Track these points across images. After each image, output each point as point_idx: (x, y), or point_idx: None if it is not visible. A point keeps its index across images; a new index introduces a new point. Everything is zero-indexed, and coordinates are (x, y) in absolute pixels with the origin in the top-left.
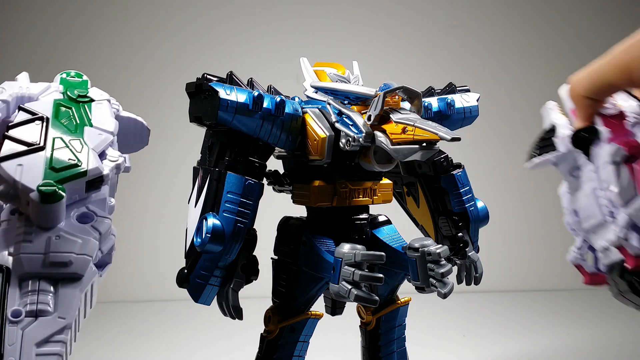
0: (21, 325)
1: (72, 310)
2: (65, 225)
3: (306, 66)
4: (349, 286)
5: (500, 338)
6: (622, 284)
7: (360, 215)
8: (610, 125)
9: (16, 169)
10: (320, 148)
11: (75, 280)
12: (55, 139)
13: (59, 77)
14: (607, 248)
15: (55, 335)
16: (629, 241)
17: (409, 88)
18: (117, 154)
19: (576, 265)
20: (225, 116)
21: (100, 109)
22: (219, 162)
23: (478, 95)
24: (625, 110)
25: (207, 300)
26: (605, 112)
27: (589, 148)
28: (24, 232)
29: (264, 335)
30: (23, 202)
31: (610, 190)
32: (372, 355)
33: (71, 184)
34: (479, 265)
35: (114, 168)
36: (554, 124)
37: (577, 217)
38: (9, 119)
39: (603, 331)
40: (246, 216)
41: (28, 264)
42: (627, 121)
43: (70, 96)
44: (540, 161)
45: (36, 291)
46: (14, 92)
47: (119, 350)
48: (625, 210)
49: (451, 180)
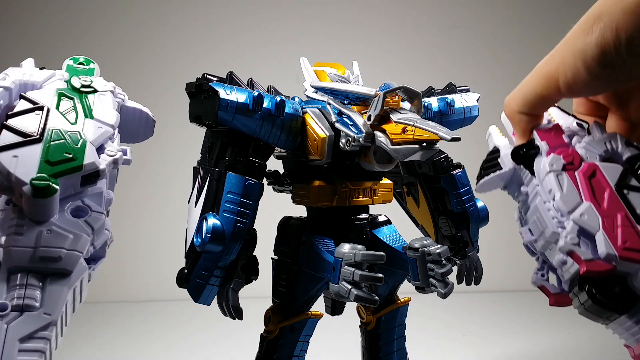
0: (6, 320)
1: (58, 307)
2: (59, 219)
3: (306, 66)
4: (349, 286)
5: (500, 338)
6: (582, 296)
7: (360, 215)
8: (548, 139)
9: (11, 161)
10: (320, 148)
11: (64, 276)
12: (53, 130)
13: (66, 63)
14: (564, 261)
15: (39, 331)
16: (580, 247)
17: (409, 88)
18: (115, 148)
19: (539, 286)
20: (225, 116)
21: (102, 101)
22: (219, 162)
23: (478, 95)
24: (562, 125)
25: (207, 300)
26: (542, 127)
27: (530, 163)
28: (15, 225)
29: (264, 335)
30: (16, 194)
31: (555, 199)
32: (372, 355)
33: (66, 178)
34: (479, 265)
35: (111, 163)
36: (497, 146)
37: (532, 235)
38: (11, 106)
39: (603, 331)
40: (246, 216)
41: (17, 257)
42: (564, 135)
43: (73, 86)
44: (486, 180)
45: (24, 285)
46: (17, 78)
47: (119, 350)
48: (572, 216)
49: (451, 180)
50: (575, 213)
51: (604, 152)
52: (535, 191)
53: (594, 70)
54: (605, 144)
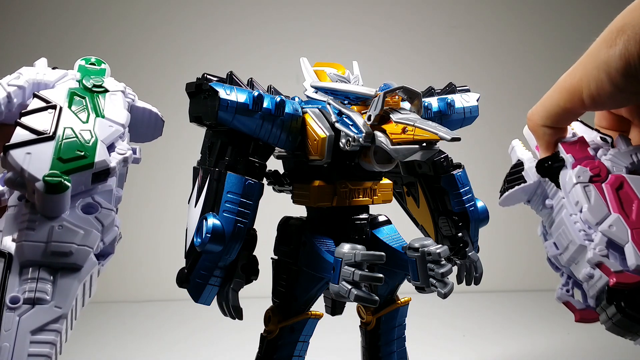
0: (18, 312)
1: (69, 300)
2: (70, 215)
3: (306, 66)
4: (349, 286)
5: (500, 338)
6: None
7: (360, 215)
8: (573, 151)
9: (24, 157)
10: (320, 148)
11: (74, 270)
12: (65, 128)
13: (78, 63)
14: (591, 275)
15: (50, 324)
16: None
17: (409, 88)
18: (125, 147)
19: (564, 302)
20: (225, 116)
21: (113, 101)
22: (219, 162)
23: (478, 95)
24: (587, 138)
25: (207, 300)
26: (567, 140)
27: (556, 175)
28: (28, 220)
29: (264, 335)
30: (29, 190)
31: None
32: (372, 355)
33: (77, 175)
34: (479, 265)
35: (121, 161)
36: (520, 159)
37: (557, 249)
38: (25, 104)
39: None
40: (246, 216)
41: (30, 251)
42: (589, 147)
43: (85, 85)
44: (510, 193)
45: (35, 279)
46: (31, 78)
47: (119, 350)
48: (600, 228)
49: (451, 180)
50: (603, 225)
51: (630, 165)
52: (560, 204)
53: (618, 82)
54: (631, 157)
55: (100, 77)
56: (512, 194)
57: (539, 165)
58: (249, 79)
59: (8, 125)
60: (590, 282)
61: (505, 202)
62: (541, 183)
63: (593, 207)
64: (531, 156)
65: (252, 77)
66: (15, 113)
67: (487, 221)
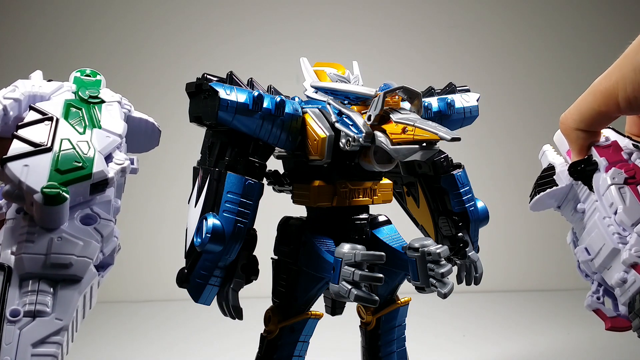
0: (19, 325)
1: (69, 312)
2: (68, 226)
3: (306, 66)
4: (349, 286)
5: (500, 338)
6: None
7: (360, 215)
8: (606, 155)
9: (22, 170)
10: (320, 148)
11: (74, 282)
12: (62, 140)
13: (74, 75)
14: (624, 280)
15: (51, 336)
16: None
17: (409, 88)
18: (123, 157)
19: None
20: (225, 116)
21: (110, 111)
22: (219, 162)
23: (478, 95)
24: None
25: (207, 300)
26: (600, 144)
27: (589, 178)
28: (27, 232)
29: (264, 335)
30: (28, 202)
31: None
32: (372, 355)
33: (75, 186)
34: (479, 265)
35: (119, 171)
36: (551, 163)
37: (589, 254)
38: (21, 117)
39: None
40: (246, 216)
41: (29, 264)
42: (623, 152)
43: (81, 97)
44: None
45: (35, 291)
46: (26, 90)
47: (119, 350)
48: (636, 229)
49: (451, 180)
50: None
51: None
52: (593, 207)
53: None
54: None
55: (96, 89)
56: (543, 197)
57: (571, 168)
58: (249, 79)
59: (5, 139)
60: (623, 287)
61: (535, 206)
62: (573, 187)
63: (628, 208)
64: (563, 161)
65: (252, 77)
66: (11, 126)
67: (487, 221)
